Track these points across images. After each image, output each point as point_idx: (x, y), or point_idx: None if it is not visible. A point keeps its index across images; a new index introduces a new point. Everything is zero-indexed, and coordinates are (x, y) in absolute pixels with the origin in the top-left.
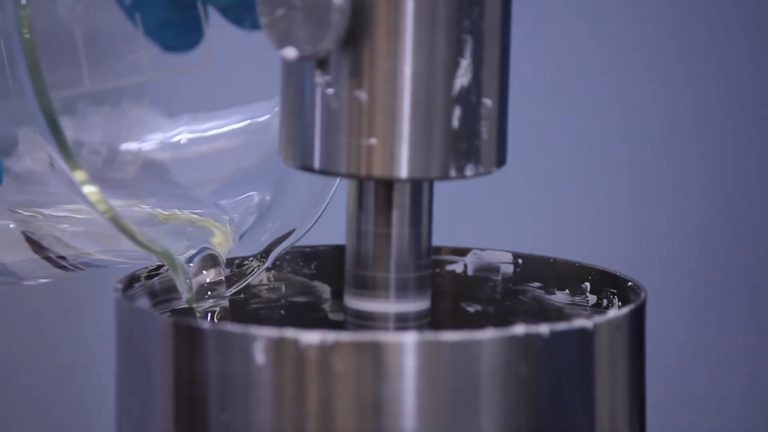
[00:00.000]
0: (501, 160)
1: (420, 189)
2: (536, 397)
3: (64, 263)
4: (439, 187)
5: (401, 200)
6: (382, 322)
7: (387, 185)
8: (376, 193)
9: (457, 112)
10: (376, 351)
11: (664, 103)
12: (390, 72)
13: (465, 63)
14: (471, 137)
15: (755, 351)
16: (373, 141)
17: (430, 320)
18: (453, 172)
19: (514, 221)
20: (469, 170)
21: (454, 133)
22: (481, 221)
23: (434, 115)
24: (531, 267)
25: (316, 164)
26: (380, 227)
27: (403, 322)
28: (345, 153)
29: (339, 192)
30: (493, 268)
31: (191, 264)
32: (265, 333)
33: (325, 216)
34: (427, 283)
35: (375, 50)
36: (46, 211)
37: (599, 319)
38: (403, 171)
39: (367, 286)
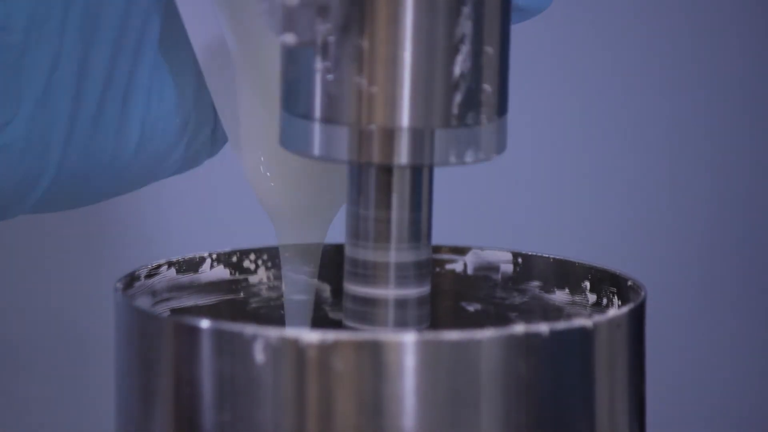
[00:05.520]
0: (502, 110)
1: (421, 138)
2: (536, 397)
3: None
4: (439, 186)
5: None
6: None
7: (388, 134)
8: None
9: (458, 60)
10: (376, 350)
11: (666, 101)
12: (391, 18)
13: (466, 10)
14: (472, 85)
15: (756, 350)
16: (374, 89)
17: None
18: (454, 121)
19: (514, 220)
20: (470, 119)
21: (455, 81)
22: (481, 220)
23: (435, 63)
24: (531, 266)
25: (317, 114)
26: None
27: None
28: (346, 102)
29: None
30: (493, 267)
31: None
32: (265, 332)
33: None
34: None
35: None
36: None
37: (599, 318)
38: (404, 120)
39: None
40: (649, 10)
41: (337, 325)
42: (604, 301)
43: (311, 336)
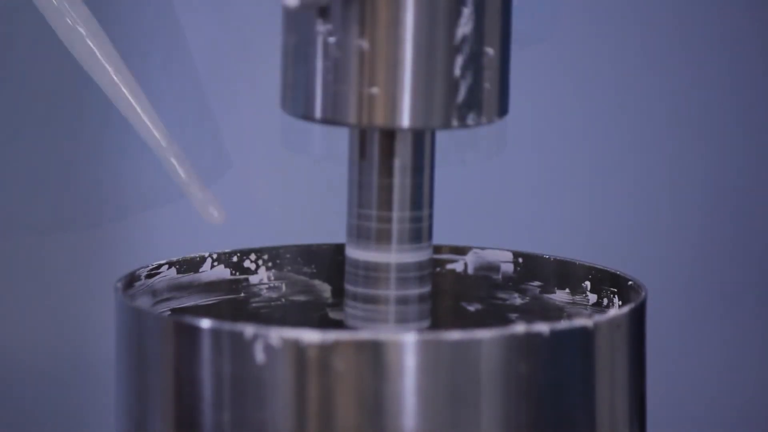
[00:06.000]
0: (503, 110)
1: (421, 138)
2: (536, 396)
3: None
4: (439, 186)
5: (403, 150)
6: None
7: (389, 135)
8: (379, 142)
9: (458, 61)
10: (376, 350)
11: (666, 102)
12: (392, 20)
13: (467, 12)
14: (472, 86)
15: (756, 350)
16: (375, 90)
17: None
18: (455, 122)
19: (514, 220)
20: (471, 120)
21: (456, 81)
22: (482, 220)
23: (435, 64)
24: (531, 266)
25: (318, 114)
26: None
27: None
28: (347, 103)
29: (338, 191)
30: (494, 267)
31: None
32: (265, 332)
33: (325, 215)
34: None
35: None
36: None
37: (600, 318)
38: (405, 121)
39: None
40: (650, 11)
41: (338, 325)
42: (605, 301)
43: (312, 336)
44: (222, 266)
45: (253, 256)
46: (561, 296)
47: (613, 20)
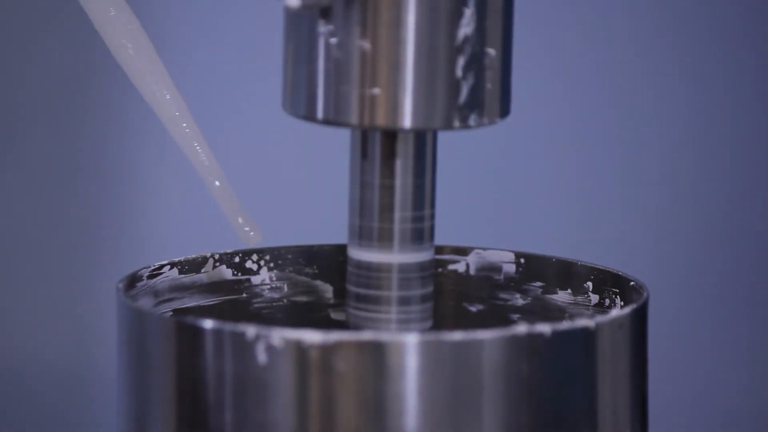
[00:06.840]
0: (504, 111)
1: (423, 139)
2: (538, 397)
3: None
4: (441, 186)
5: (405, 150)
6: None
7: (390, 135)
8: (380, 143)
9: (460, 61)
10: (378, 351)
11: (668, 100)
12: (393, 21)
13: (469, 12)
14: (474, 87)
15: (757, 350)
16: (377, 91)
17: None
18: (456, 123)
19: (516, 220)
20: (472, 120)
21: (457, 82)
22: (484, 220)
23: (437, 65)
24: (533, 266)
25: (320, 114)
26: (384, 178)
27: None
28: (349, 103)
29: (338, 192)
30: (496, 268)
31: None
32: (267, 333)
33: (326, 215)
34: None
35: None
36: None
37: (601, 318)
38: (407, 121)
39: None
40: (645, 11)
41: (339, 326)
42: (607, 301)
43: (314, 337)
44: (224, 267)
45: (255, 257)
46: (563, 297)
47: (616, 20)
